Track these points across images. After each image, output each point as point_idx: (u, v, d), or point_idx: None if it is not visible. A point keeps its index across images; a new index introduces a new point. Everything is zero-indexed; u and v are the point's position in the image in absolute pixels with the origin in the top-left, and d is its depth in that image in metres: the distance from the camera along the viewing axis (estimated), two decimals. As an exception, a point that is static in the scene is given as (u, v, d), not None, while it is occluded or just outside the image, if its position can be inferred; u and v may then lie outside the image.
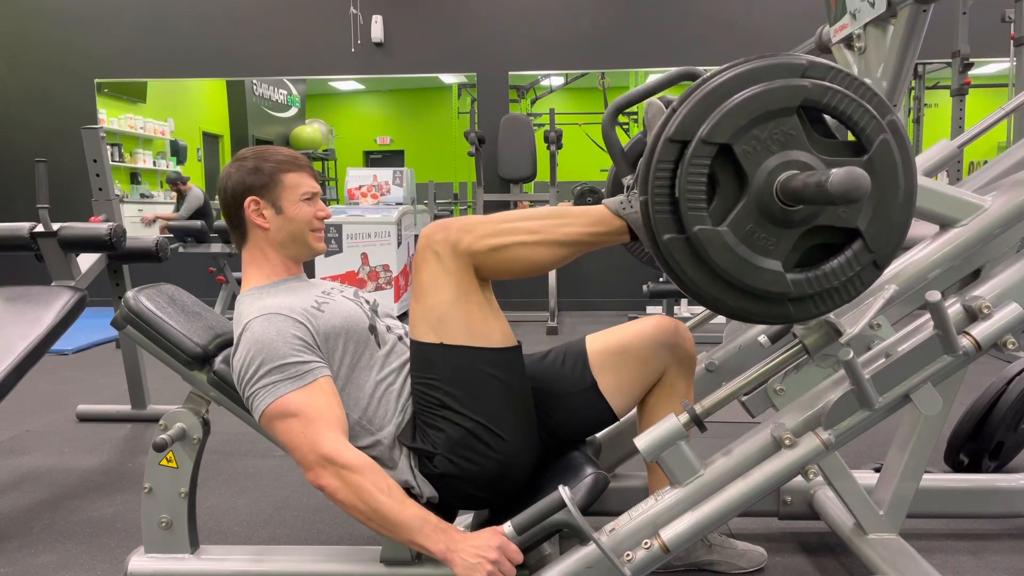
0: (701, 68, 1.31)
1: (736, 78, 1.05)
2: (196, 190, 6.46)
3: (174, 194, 6.60)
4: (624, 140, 1.52)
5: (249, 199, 1.44)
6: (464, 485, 1.38)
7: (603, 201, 1.38)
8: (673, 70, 1.44)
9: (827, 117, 1.11)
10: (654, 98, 1.36)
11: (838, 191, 0.90)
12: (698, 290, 1.11)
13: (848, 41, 1.52)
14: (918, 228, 1.31)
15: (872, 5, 1.39)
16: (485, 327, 1.37)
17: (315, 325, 1.37)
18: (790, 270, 1.09)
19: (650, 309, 5.57)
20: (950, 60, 4.42)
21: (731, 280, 1.08)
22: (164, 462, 1.51)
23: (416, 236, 5.90)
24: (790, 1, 5.62)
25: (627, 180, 1.44)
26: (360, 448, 1.33)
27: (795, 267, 1.10)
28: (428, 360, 1.37)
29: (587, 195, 6.03)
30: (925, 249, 1.37)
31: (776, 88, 1.04)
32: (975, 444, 2.12)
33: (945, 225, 1.37)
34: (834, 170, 0.91)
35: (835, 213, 1.07)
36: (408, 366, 1.45)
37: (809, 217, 1.07)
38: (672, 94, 1.39)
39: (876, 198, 1.06)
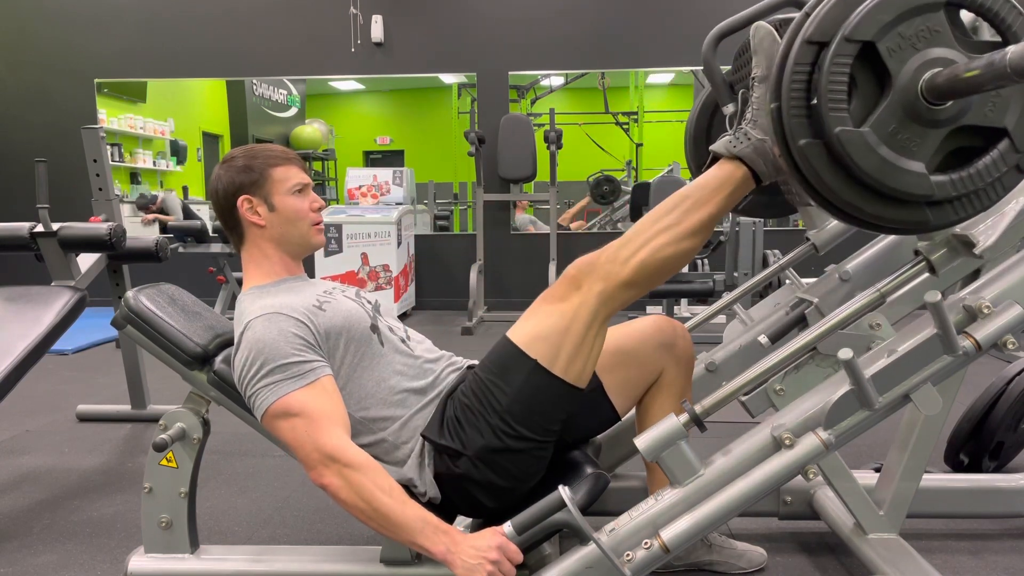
0: None
1: None
2: (171, 196, 6.45)
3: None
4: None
5: (242, 198, 1.44)
6: (478, 491, 1.37)
7: (711, 148, 1.34)
8: None
9: (964, 20, 1.08)
10: (760, 22, 1.33)
11: (1020, 65, 0.85)
12: (834, 197, 1.09)
13: None
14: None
15: None
16: (584, 373, 1.35)
17: (316, 324, 1.37)
18: (932, 172, 1.06)
19: (650, 309, 5.57)
20: None
21: (873, 183, 1.05)
22: (164, 462, 1.51)
23: (416, 236, 5.93)
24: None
25: (728, 109, 1.42)
26: (362, 446, 1.33)
27: (936, 170, 1.07)
28: (508, 366, 1.35)
29: (603, 184, 6.04)
30: None
31: None
32: (975, 444, 2.12)
33: None
34: (1012, 47, 0.88)
35: (982, 111, 1.05)
36: (411, 367, 1.44)
37: (956, 116, 1.04)
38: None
39: None
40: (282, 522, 2.06)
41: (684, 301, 5.24)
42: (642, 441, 1.24)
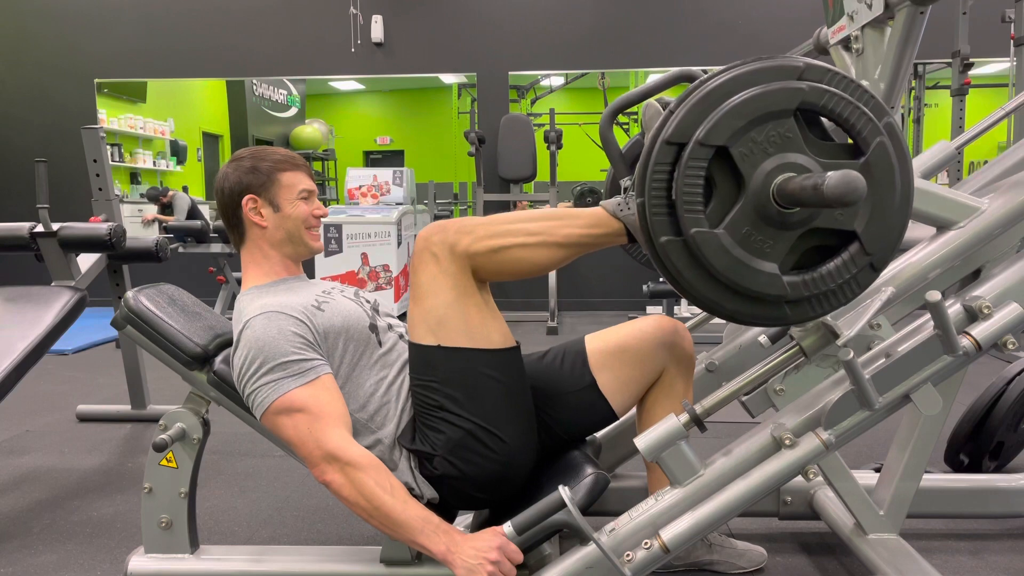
0: (699, 69, 1.31)
1: (733, 80, 1.05)
2: (180, 195, 6.46)
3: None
4: (623, 141, 1.52)
5: (247, 198, 1.45)
6: (464, 486, 1.38)
7: (601, 203, 1.38)
8: (671, 71, 1.44)
9: (824, 120, 1.10)
10: (652, 100, 1.36)
11: (834, 194, 0.90)
12: (695, 293, 1.11)
13: (846, 43, 1.52)
14: (915, 230, 1.31)
15: (869, 7, 1.39)
16: (484, 328, 1.36)
17: (315, 323, 1.37)
18: (787, 272, 1.09)
19: (650, 309, 5.57)
20: (950, 60, 4.42)
21: (728, 283, 1.08)
22: (164, 462, 1.51)
23: (416, 236, 5.90)
24: (789, 2, 5.62)
25: (625, 182, 1.44)
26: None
27: (792, 269, 1.10)
28: (426, 362, 1.37)
29: (587, 195, 6.04)
30: (922, 251, 1.37)
31: (773, 90, 1.03)
32: (975, 444, 2.12)
33: (942, 227, 1.37)
34: (830, 173, 0.91)
35: (832, 216, 1.07)
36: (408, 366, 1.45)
37: (806, 219, 1.07)
38: (670, 96, 1.39)
39: (873, 201, 1.06)
40: (282, 522, 2.06)
41: (684, 301, 5.23)
42: (642, 441, 1.24)
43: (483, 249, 1.33)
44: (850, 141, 1.07)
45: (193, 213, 6.30)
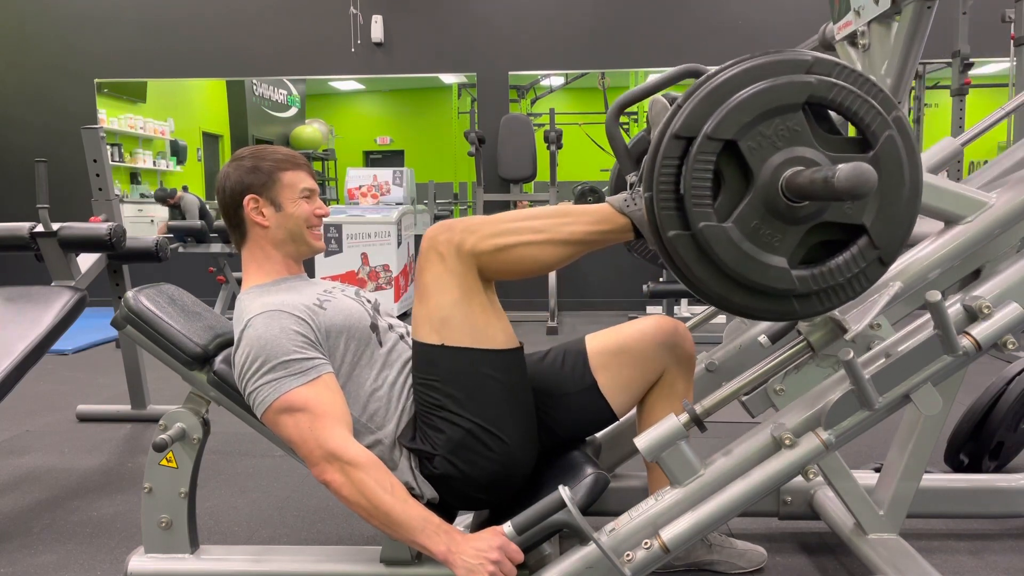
0: (703, 66, 1.31)
1: (741, 74, 1.05)
2: (189, 197, 6.46)
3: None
4: (626, 138, 1.51)
5: (248, 197, 1.45)
6: (464, 486, 1.38)
7: (607, 199, 1.38)
8: (676, 68, 1.44)
9: (832, 114, 1.10)
10: (658, 95, 1.36)
11: (844, 186, 0.90)
12: (703, 287, 1.11)
13: (852, 38, 1.51)
14: (922, 225, 1.30)
15: (876, 2, 1.39)
16: (488, 328, 1.36)
17: (317, 322, 1.37)
18: (795, 266, 1.09)
19: (650, 309, 5.57)
20: (950, 60, 4.42)
21: (736, 276, 1.07)
22: (164, 462, 1.51)
23: (416, 236, 5.93)
24: (789, 2, 5.61)
25: (631, 177, 1.44)
26: (361, 447, 1.33)
27: (800, 263, 1.10)
28: (429, 361, 1.37)
29: (587, 195, 6.04)
30: (930, 246, 1.37)
31: (781, 84, 1.03)
32: (975, 444, 2.12)
33: (950, 222, 1.37)
34: (841, 165, 0.91)
35: (841, 209, 1.07)
36: (409, 366, 1.45)
37: (814, 213, 1.06)
38: (676, 92, 1.39)
39: (881, 194, 1.06)
40: (282, 522, 2.06)
41: (684, 301, 5.23)
42: (642, 441, 1.24)
43: (489, 248, 1.32)
44: (857, 135, 1.07)
45: (203, 213, 6.32)
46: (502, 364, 1.38)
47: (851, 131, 1.11)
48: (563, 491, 1.22)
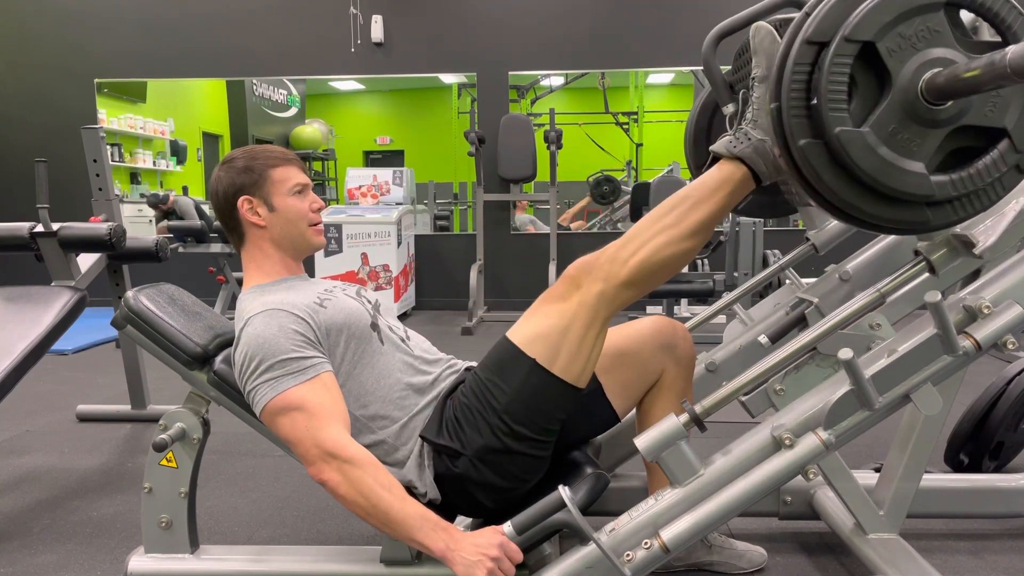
0: None
1: None
2: (183, 198, 6.43)
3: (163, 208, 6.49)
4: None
5: (242, 199, 1.45)
6: (477, 491, 1.37)
7: (711, 148, 1.33)
8: None
9: (963, 18, 1.08)
10: (761, 22, 1.34)
11: (1020, 63, 0.85)
12: (834, 197, 1.09)
13: None
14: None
15: None
16: (585, 372, 1.34)
17: (317, 321, 1.37)
18: (933, 172, 1.06)
19: (650, 309, 5.57)
20: None
21: (872, 183, 1.05)
22: (164, 462, 1.51)
23: (416, 236, 5.93)
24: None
25: (728, 109, 1.42)
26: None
27: (936, 170, 1.07)
28: (506, 366, 1.35)
29: (603, 184, 6.04)
30: None
31: None
32: (975, 444, 2.12)
33: None
34: (1012, 46, 0.88)
35: (982, 112, 1.05)
36: (410, 366, 1.45)
37: (955, 116, 1.04)
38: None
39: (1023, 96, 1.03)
40: (282, 522, 2.06)
41: (684, 301, 5.24)
42: (642, 441, 1.24)
43: (634, 266, 1.29)
44: (997, 39, 1.04)
45: (200, 214, 6.30)
46: (572, 404, 1.37)
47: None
48: (563, 491, 1.22)
